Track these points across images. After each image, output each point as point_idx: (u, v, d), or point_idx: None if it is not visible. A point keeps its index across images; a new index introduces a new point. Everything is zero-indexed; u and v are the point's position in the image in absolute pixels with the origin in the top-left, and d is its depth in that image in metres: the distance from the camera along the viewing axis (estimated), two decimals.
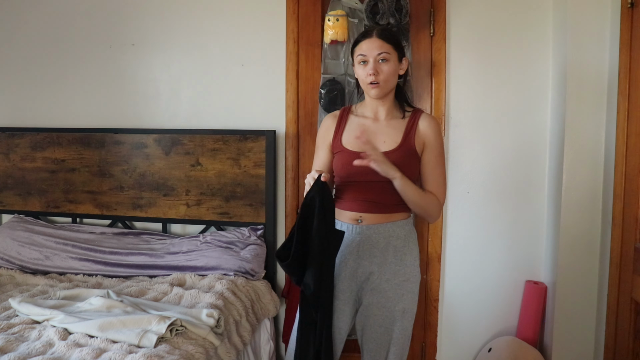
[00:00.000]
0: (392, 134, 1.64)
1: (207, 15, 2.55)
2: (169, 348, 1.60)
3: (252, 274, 2.28)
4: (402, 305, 1.63)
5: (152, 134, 2.57)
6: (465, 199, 2.39)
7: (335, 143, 1.69)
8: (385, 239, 1.62)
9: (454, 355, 2.45)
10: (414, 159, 1.63)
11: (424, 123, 1.64)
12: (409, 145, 1.62)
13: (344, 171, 1.65)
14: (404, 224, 1.65)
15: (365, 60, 1.59)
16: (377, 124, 1.67)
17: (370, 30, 1.61)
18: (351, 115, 1.72)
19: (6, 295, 2.09)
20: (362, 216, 1.63)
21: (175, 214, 2.57)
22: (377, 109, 1.68)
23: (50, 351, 1.60)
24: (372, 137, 1.63)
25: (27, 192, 2.74)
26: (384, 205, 1.62)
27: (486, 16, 2.32)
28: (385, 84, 1.60)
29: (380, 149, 1.59)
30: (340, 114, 1.74)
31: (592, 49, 2.10)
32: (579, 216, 2.15)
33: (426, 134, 1.64)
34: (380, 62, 1.58)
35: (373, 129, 1.65)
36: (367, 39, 1.60)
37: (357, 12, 2.34)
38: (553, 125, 2.27)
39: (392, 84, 1.63)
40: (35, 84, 2.77)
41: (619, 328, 1.99)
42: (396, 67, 1.61)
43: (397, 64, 1.62)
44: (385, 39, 1.58)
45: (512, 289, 2.38)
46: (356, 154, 1.58)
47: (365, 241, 1.62)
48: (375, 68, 1.57)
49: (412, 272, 1.65)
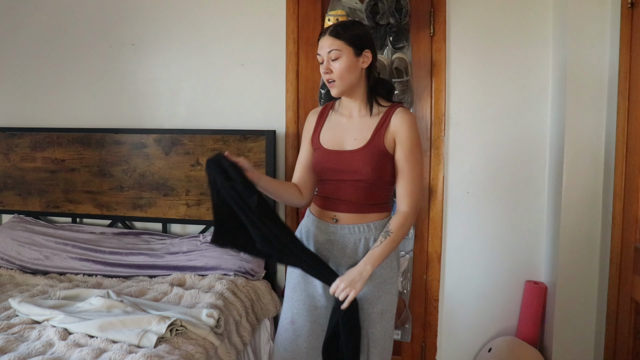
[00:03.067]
0: (363, 131, 1.60)
1: (207, 15, 2.55)
2: (169, 348, 1.60)
3: (252, 274, 2.28)
4: (380, 307, 1.60)
5: (152, 134, 2.57)
6: (465, 199, 2.39)
7: (314, 139, 1.68)
8: (359, 239, 1.60)
9: (454, 355, 2.45)
10: (383, 157, 1.57)
11: (395, 119, 1.57)
12: (377, 144, 1.57)
13: (318, 169, 1.64)
14: (379, 225, 1.61)
15: (322, 60, 1.58)
16: (350, 121, 1.64)
17: (326, 29, 1.59)
18: (332, 112, 1.70)
19: (6, 295, 2.09)
20: (337, 215, 1.62)
21: (175, 214, 2.57)
22: (350, 108, 1.65)
23: (50, 351, 1.60)
24: (344, 135, 1.62)
25: (27, 192, 2.74)
26: (358, 205, 1.60)
27: (486, 16, 2.32)
28: (341, 81, 1.56)
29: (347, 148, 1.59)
30: (322, 110, 1.73)
31: (592, 49, 2.09)
32: (579, 216, 2.15)
33: (397, 130, 1.56)
34: (332, 60, 1.55)
35: (347, 126, 1.63)
36: (320, 38, 1.58)
37: (357, 12, 2.34)
38: (553, 125, 2.27)
39: (350, 80, 1.57)
40: (35, 84, 2.77)
41: (619, 328, 1.99)
42: (351, 62, 1.55)
43: (354, 59, 1.55)
44: (336, 35, 1.55)
45: (512, 289, 2.38)
46: (332, 152, 1.60)
47: (339, 241, 1.61)
48: (327, 67, 1.56)
49: (389, 273, 1.62)
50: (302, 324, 1.64)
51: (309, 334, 1.64)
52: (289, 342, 1.65)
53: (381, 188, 1.61)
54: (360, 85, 1.61)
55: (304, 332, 1.63)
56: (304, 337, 1.64)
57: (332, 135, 1.64)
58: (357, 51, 1.56)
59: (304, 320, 1.63)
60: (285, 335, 1.66)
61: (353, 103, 1.64)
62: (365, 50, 1.57)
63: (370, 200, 1.60)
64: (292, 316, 1.65)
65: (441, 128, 2.36)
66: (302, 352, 1.64)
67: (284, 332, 1.67)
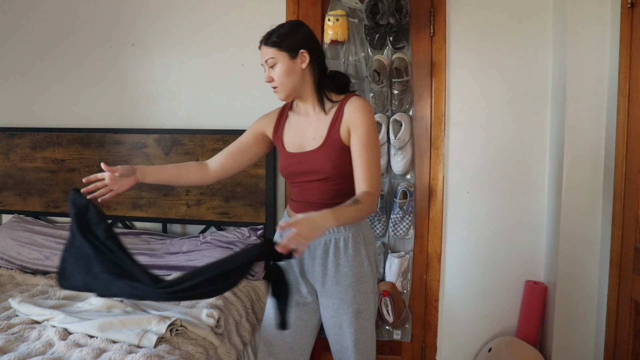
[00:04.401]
0: (320, 129, 1.59)
1: (207, 15, 2.55)
2: (169, 348, 1.60)
3: (252, 274, 2.28)
4: (356, 306, 1.60)
5: (152, 134, 2.57)
6: (465, 199, 2.39)
7: (275, 140, 1.69)
8: (329, 240, 1.59)
9: (454, 355, 2.45)
10: (342, 151, 1.55)
11: (348, 108, 1.55)
12: (333, 139, 1.56)
13: (285, 173, 1.66)
14: (348, 226, 1.59)
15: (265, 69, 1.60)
16: (308, 120, 1.63)
17: (261, 39, 1.59)
18: (290, 113, 1.70)
19: (6, 295, 2.10)
20: None
21: (175, 214, 2.57)
22: (306, 108, 1.65)
23: (50, 351, 1.60)
24: (304, 136, 1.62)
25: (27, 192, 2.74)
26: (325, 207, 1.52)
27: (486, 16, 2.32)
28: (282, 86, 1.57)
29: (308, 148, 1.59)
30: (281, 110, 1.73)
31: (592, 49, 2.09)
32: (579, 216, 2.15)
33: (349, 119, 1.54)
34: (270, 68, 1.57)
35: (305, 126, 1.63)
36: (259, 48, 1.59)
37: (357, 12, 2.34)
38: (553, 126, 2.27)
39: (290, 83, 1.57)
40: (35, 84, 2.77)
41: (619, 328, 1.99)
42: (287, 66, 1.55)
43: (290, 62, 1.55)
44: (269, 44, 1.55)
45: (512, 289, 2.38)
46: (294, 155, 1.61)
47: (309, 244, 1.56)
48: (267, 75, 1.58)
49: (362, 272, 1.60)
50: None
51: (293, 329, 1.66)
52: (274, 336, 1.68)
53: (346, 186, 1.58)
54: (306, 85, 1.60)
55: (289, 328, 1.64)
56: (289, 333, 1.66)
57: (293, 137, 1.65)
58: (292, 54, 1.55)
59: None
60: (271, 330, 1.68)
61: (304, 103, 1.64)
62: (301, 50, 1.55)
63: (336, 199, 1.55)
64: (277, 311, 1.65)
65: (441, 128, 2.36)
66: (286, 347, 1.67)
67: (270, 328, 1.68)
